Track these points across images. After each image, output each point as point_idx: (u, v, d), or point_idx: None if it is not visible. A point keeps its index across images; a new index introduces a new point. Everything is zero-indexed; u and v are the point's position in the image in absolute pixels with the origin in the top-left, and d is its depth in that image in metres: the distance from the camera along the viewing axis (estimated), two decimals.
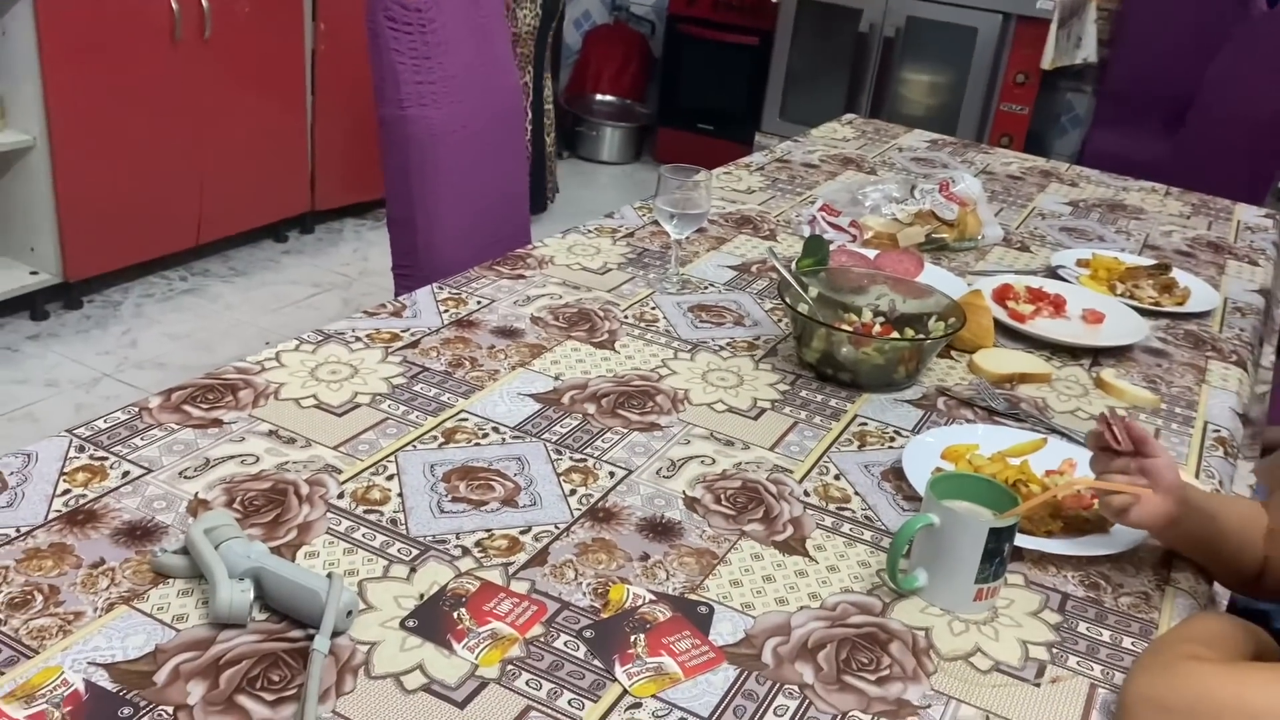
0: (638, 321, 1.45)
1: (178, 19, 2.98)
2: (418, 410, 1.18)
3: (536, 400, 1.22)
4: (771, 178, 2.15)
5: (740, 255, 1.73)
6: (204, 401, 1.14)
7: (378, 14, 1.52)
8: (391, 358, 1.29)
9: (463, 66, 1.67)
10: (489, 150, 1.79)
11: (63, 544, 0.91)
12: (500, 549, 0.96)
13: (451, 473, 1.07)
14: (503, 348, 1.34)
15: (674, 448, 1.16)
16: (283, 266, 3.53)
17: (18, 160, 2.86)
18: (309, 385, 1.20)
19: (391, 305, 1.43)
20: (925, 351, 1.33)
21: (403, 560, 0.94)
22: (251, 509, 0.98)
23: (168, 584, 0.88)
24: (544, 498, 1.05)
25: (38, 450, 1.03)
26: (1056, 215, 2.12)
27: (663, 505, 1.05)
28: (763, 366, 1.36)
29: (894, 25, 4.12)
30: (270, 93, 3.37)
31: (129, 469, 1.02)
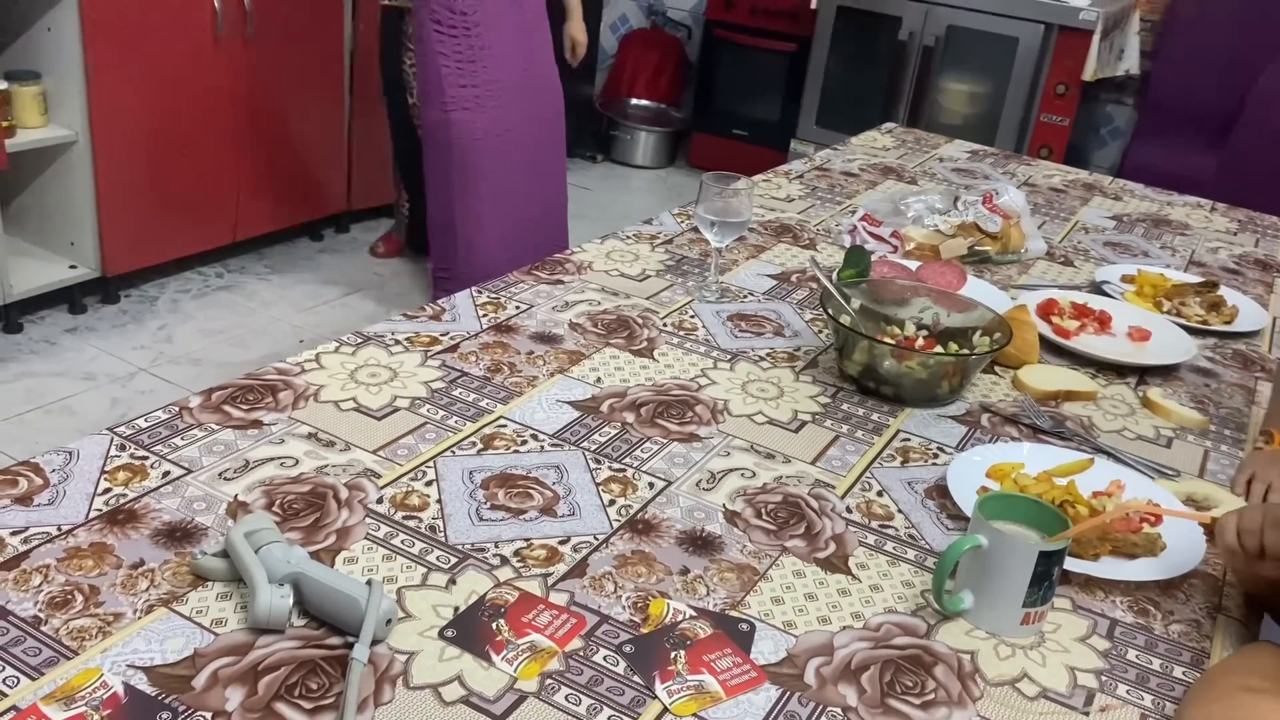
0: (677, 330, 1.44)
1: (220, 17, 3.00)
2: (457, 415, 1.17)
3: (575, 408, 1.21)
4: (811, 186, 2.14)
5: (780, 264, 1.71)
6: (244, 402, 1.14)
7: (424, 17, 1.51)
8: (430, 361, 1.28)
9: (506, 71, 1.67)
10: (529, 154, 1.79)
11: (103, 544, 0.91)
12: (539, 559, 0.95)
13: (490, 480, 1.06)
14: (541, 354, 1.33)
15: (714, 459, 1.14)
16: (318, 265, 3.55)
17: (60, 155, 2.89)
18: (349, 388, 1.20)
19: (431, 309, 1.43)
20: (969, 367, 1.31)
21: (442, 568, 0.93)
22: (290, 512, 0.98)
23: (207, 587, 0.87)
24: (583, 508, 1.04)
25: (79, 448, 1.03)
26: (1100, 230, 2.08)
27: (703, 518, 1.04)
28: (803, 378, 1.34)
29: (934, 34, 4.09)
30: (309, 92, 3.39)
31: (169, 469, 1.02)
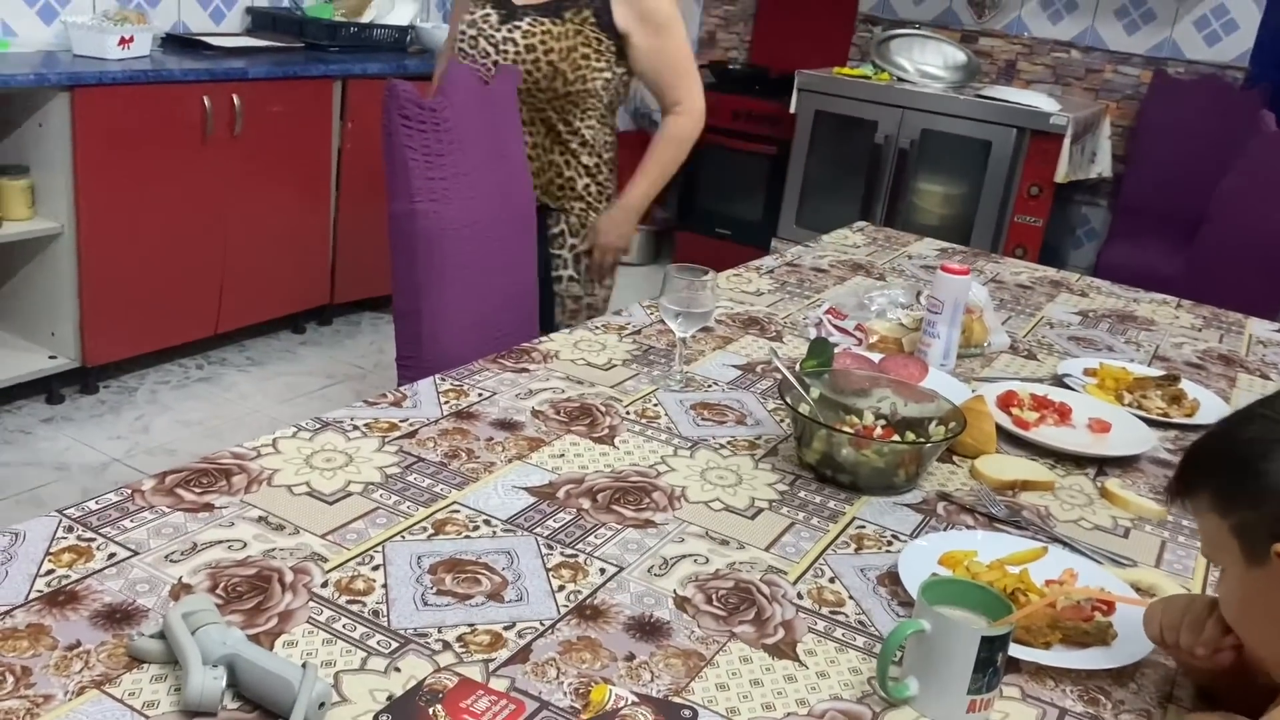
0: (639, 418, 1.45)
1: (209, 116, 3.08)
2: (410, 501, 1.17)
3: (531, 494, 1.22)
4: (781, 281, 2.17)
5: (746, 355, 1.73)
6: (197, 485, 1.14)
7: (393, 112, 1.56)
8: (388, 447, 1.29)
9: (475, 164, 1.71)
10: (498, 246, 1.82)
11: (40, 624, 0.90)
12: (482, 644, 0.95)
13: (439, 565, 1.06)
14: (501, 440, 1.34)
15: (668, 545, 1.14)
16: (299, 357, 3.56)
17: (45, 247, 2.93)
18: (303, 472, 1.20)
19: (392, 395, 1.44)
20: (925, 455, 1.32)
21: (382, 653, 0.92)
22: (234, 595, 0.97)
23: (142, 669, 0.86)
24: (531, 593, 1.03)
25: (26, 529, 1.03)
26: (1065, 325, 2.12)
27: (652, 604, 1.04)
28: (762, 466, 1.35)
29: (909, 137, 4.20)
30: (296, 188, 3.45)
31: (115, 550, 1.01)
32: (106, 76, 2.83)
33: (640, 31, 2.06)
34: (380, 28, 3.77)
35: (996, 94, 4.12)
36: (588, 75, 2.08)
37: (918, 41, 4.45)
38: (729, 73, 4.88)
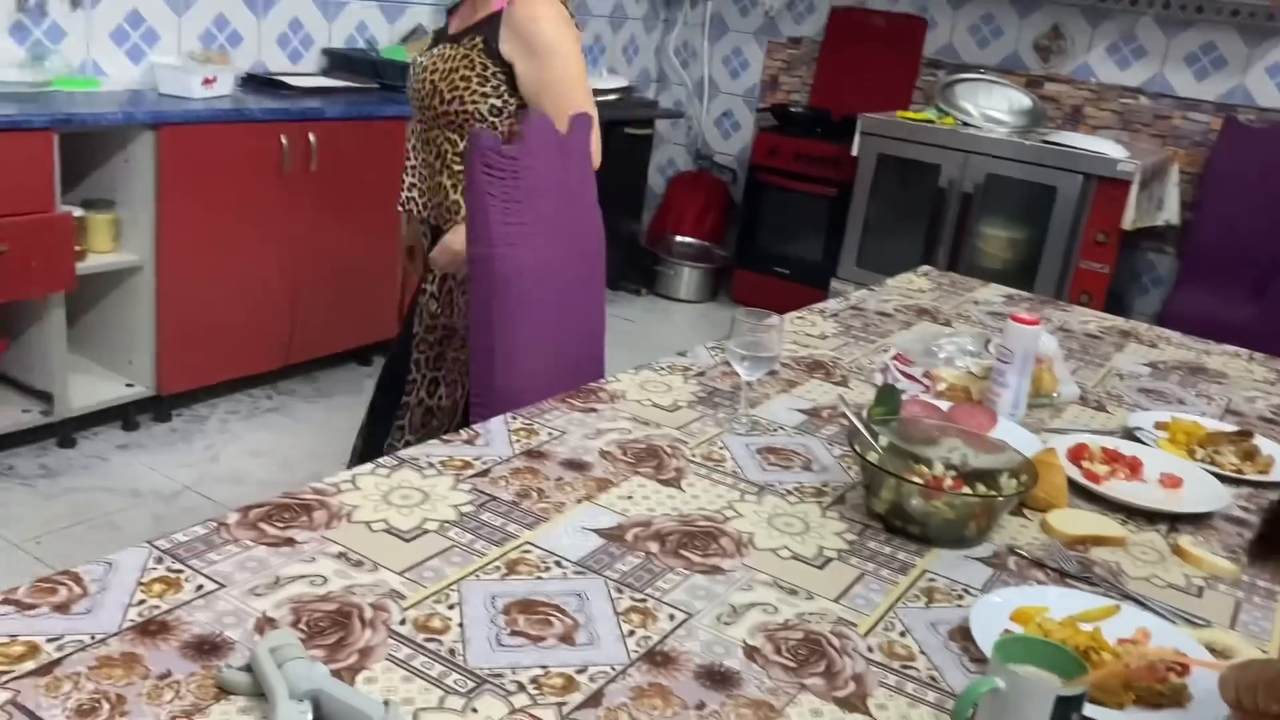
0: (705, 460, 1.46)
1: (286, 153, 3.17)
2: (483, 539, 1.19)
3: (600, 535, 1.23)
4: (845, 325, 2.18)
5: (811, 399, 1.74)
6: (279, 520, 1.18)
7: (476, 160, 1.60)
8: (462, 485, 1.31)
9: (549, 210, 1.75)
10: (569, 288, 1.86)
11: (133, 654, 0.93)
12: (555, 687, 0.96)
13: (512, 605, 1.08)
14: (570, 480, 1.36)
15: (736, 593, 1.15)
16: (366, 390, 3.62)
17: (126, 280, 3.03)
18: (381, 509, 1.23)
19: (465, 433, 1.46)
20: (997, 508, 1.32)
21: (459, 692, 0.94)
22: (316, 630, 1.00)
23: (230, 700, 0.89)
24: (602, 637, 1.04)
25: (119, 560, 1.06)
26: (1135, 376, 2.09)
27: (722, 653, 1.04)
28: (830, 514, 1.35)
29: (973, 181, 4.19)
30: (367, 224, 3.53)
31: (203, 583, 1.04)
32: (190, 115, 2.93)
33: (523, 60, 2.01)
34: None
35: (1063, 139, 4.10)
36: (465, 97, 2.06)
37: (983, 86, 4.45)
38: (790, 115, 4.91)
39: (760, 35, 5.28)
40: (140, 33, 3.31)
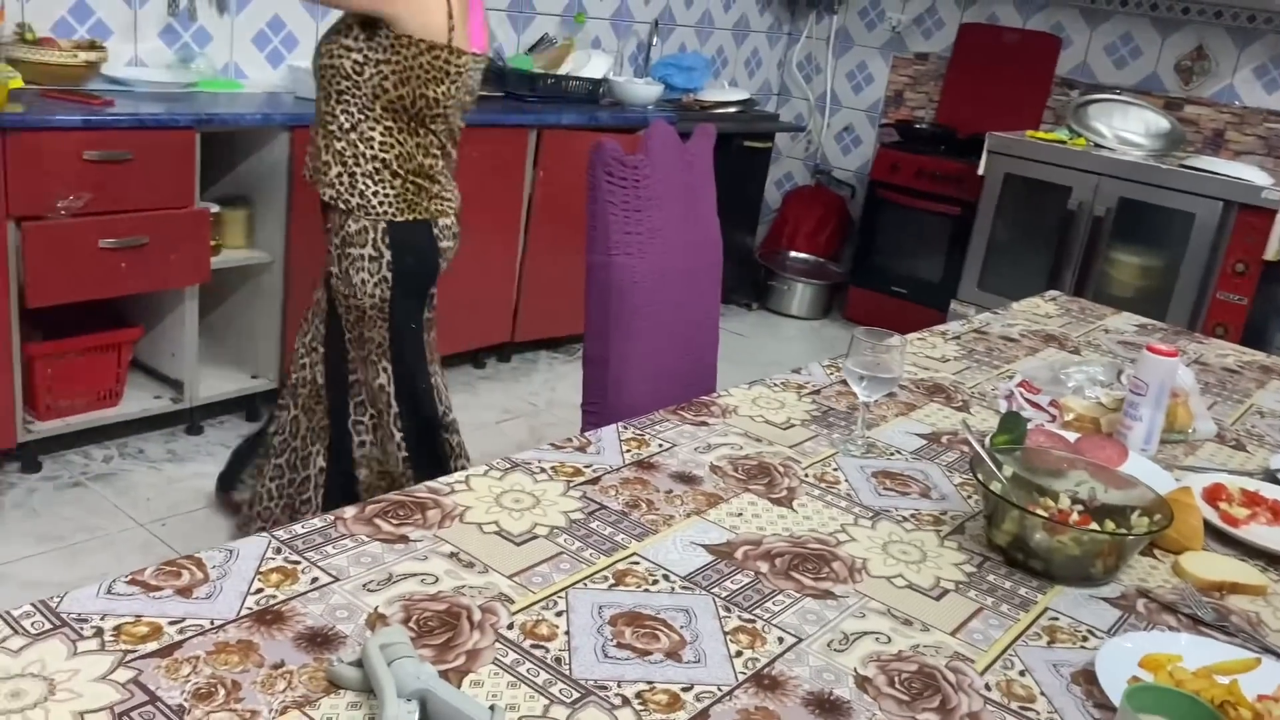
0: (818, 481, 1.43)
1: None
2: (592, 548, 1.19)
3: (709, 551, 1.21)
4: (968, 348, 2.11)
5: (931, 424, 1.69)
6: (395, 517, 1.19)
7: (598, 168, 1.61)
8: (572, 492, 1.31)
9: (669, 220, 1.74)
10: (685, 299, 1.85)
11: (250, 641, 0.95)
12: (660, 704, 0.95)
13: (619, 616, 1.07)
14: (680, 493, 1.34)
15: (848, 620, 1.12)
16: (478, 391, 3.69)
17: (257, 275, 3.14)
18: (493, 511, 1.24)
19: (577, 440, 1.46)
20: (1127, 547, 1.25)
21: (563, 701, 0.93)
22: (425, 629, 1.00)
23: (339, 694, 0.90)
24: (709, 655, 1.02)
25: (240, 548, 1.09)
26: (1277, 415, 1.97)
27: (832, 680, 1.01)
28: (948, 544, 1.31)
29: (1105, 205, 4.04)
30: (488, 229, 3.59)
31: (318, 575, 1.06)
32: None
33: None
34: (575, 80, 3.90)
35: (1202, 164, 3.92)
36: (335, 50, 2.09)
37: (1118, 107, 4.29)
38: (915, 131, 4.82)
39: (886, 50, 5.20)
40: (280, 37, 3.43)
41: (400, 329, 2.24)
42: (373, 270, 2.16)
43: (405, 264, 2.18)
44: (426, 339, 2.33)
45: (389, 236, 2.14)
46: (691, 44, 4.93)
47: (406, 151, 2.14)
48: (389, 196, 2.14)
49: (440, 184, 2.22)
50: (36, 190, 2.47)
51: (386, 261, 2.16)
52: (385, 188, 2.13)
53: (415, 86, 2.08)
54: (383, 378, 2.26)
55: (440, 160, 2.21)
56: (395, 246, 2.15)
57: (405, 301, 2.21)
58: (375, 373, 2.26)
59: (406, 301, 2.22)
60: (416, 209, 2.17)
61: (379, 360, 2.24)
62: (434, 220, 2.22)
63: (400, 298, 2.20)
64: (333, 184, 2.16)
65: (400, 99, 2.08)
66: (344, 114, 2.12)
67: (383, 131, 2.12)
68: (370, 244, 2.15)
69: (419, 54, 2.06)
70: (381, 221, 2.14)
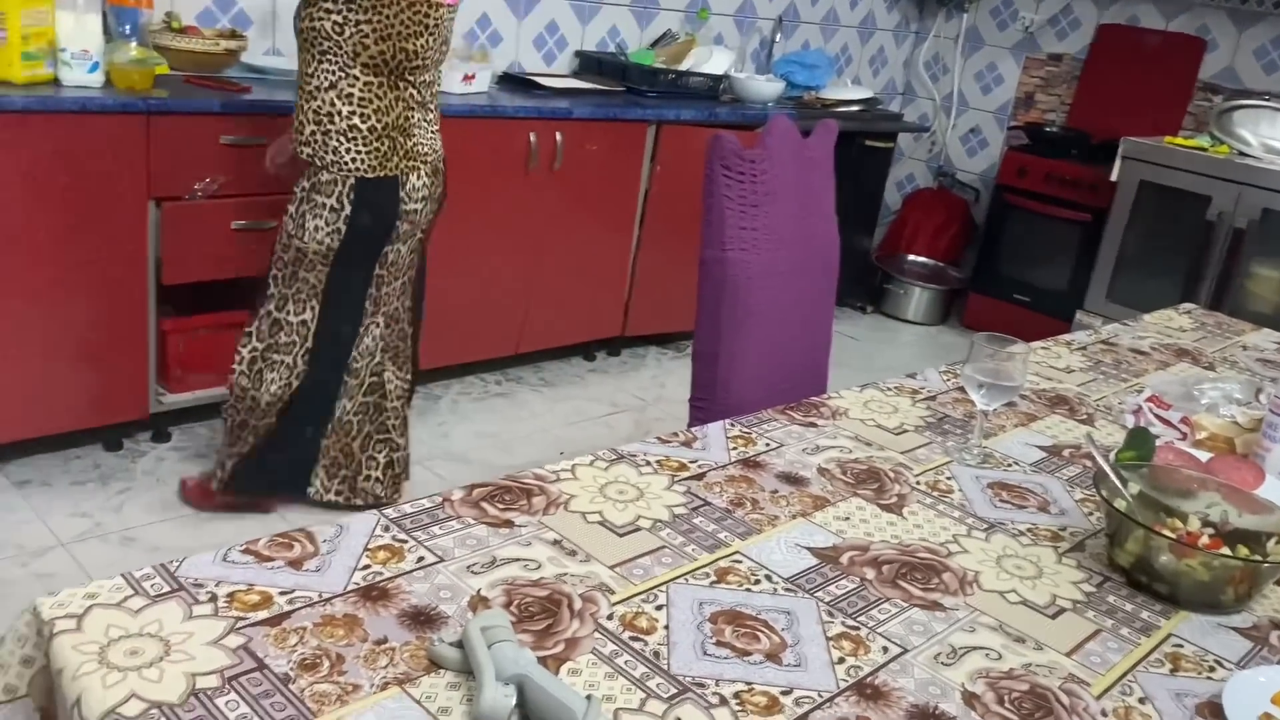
0: (930, 490, 1.39)
1: (534, 151, 3.28)
2: (695, 544, 1.17)
3: (814, 555, 1.19)
4: (1094, 359, 2.03)
5: (1052, 436, 1.62)
6: (501, 502, 1.20)
7: (715, 162, 1.59)
8: (676, 486, 1.30)
9: (785, 217, 1.71)
10: (799, 298, 1.81)
11: (355, 616, 0.97)
12: (758, 705, 0.93)
13: (719, 614, 1.05)
14: (786, 494, 1.32)
15: (957, 633, 1.08)
16: (587, 383, 3.71)
17: None
18: (597, 501, 1.23)
19: (683, 435, 1.45)
20: (1261, 575, 1.18)
21: (660, 696, 0.92)
22: (526, 614, 1.01)
23: (439, 673, 0.91)
24: (810, 660, 1.00)
25: (350, 524, 1.11)
26: None
27: (938, 694, 0.98)
28: (1067, 561, 1.25)
29: (1247, 217, 3.83)
30: (603, 223, 3.61)
31: (424, 555, 1.08)
32: (450, 109, 3.08)
33: None
34: (696, 76, 3.89)
35: None
36: (315, 13, 2.14)
37: (1265, 114, 4.06)
38: (1045, 135, 4.66)
39: (1018, 50, 5.04)
40: None
41: (339, 279, 2.35)
42: (329, 220, 2.27)
43: (361, 220, 2.28)
44: (372, 294, 2.42)
45: (354, 193, 2.25)
46: (815, 41, 4.87)
47: (384, 106, 2.22)
48: (361, 154, 2.23)
49: (415, 138, 2.29)
50: (176, 172, 2.58)
51: (345, 215, 2.26)
52: (358, 145, 2.22)
53: (396, 41, 2.17)
54: (307, 314, 2.37)
55: (417, 113, 2.28)
56: (357, 203, 2.26)
57: (350, 255, 2.32)
58: (300, 309, 2.36)
59: (351, 255, 2.32)
60: (387, 166, 2.26)
61: (307, 301, 2.35)
62: (403, 178, 2.30)
63: (346, 250, 2.31)
64: (308, 142, 2.26)
65: (381, 54, 2.17)
66: (324, 73, 2.20)
67: (362, 88, 2.19)
68: (335, 196, 2.25)
69: (400, 10, 2.15)
70: (351, 178, 2.24)
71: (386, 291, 2.44)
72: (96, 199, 2.49)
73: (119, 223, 2.54)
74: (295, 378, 2.42)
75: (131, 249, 2.59)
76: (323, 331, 2.38)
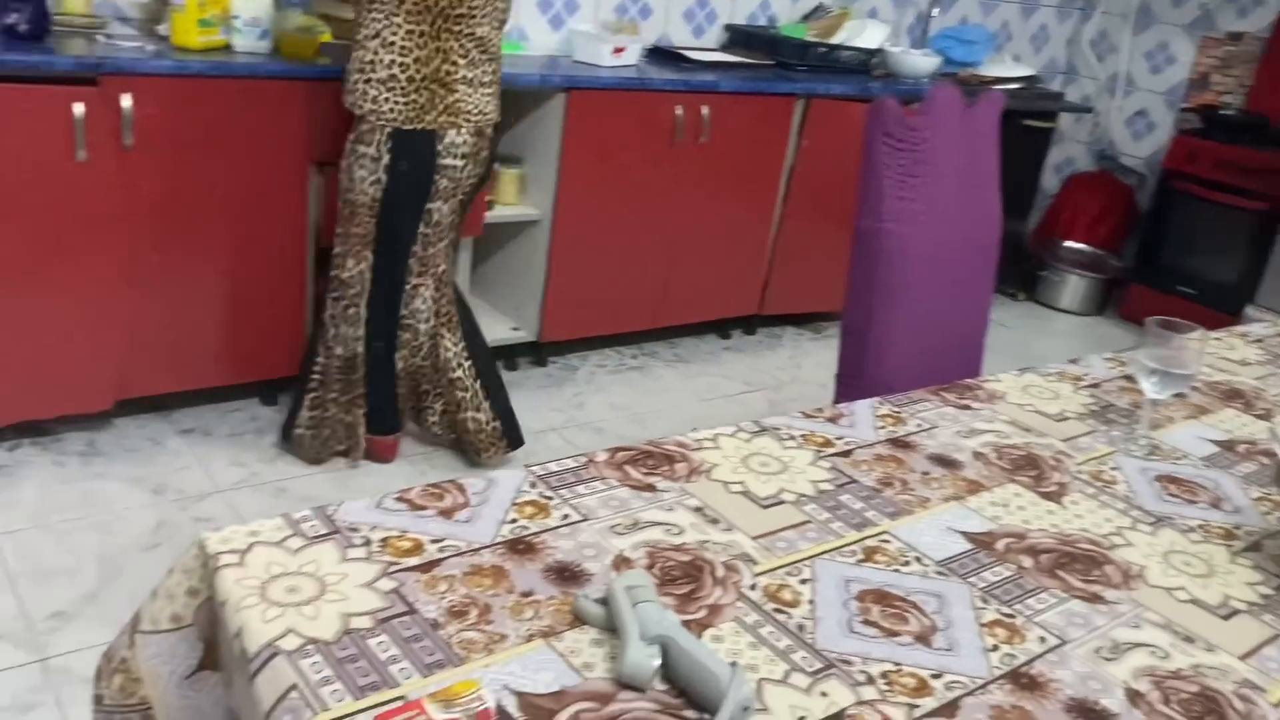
0: (1093, 479, 1.32)
1: (679, 125, 3.26)
2: (841, 521, 1.14)
3: (968, 539, 1.14)
4: (1273, 353, 1.89)
5: (1226, 431, 1.52)
6: (643, 466, 1.19)
7: (876, 129, 1.54)
8: (821, 462, 1.27)
9: (946, 190, 1.65)
10: (956, 276, 1.75)
11: (501, 568, 0.97)
12: (907, 687, 0.90)
13: (866, 593, 1.02)
14: (938, 476, 1.27)
15: (1119, 628, 1.02)
16: (721, 361, 3.69)
17: (524, 231, 3.26)
18: (739, 471, 1.22)
19: (829, 411, 1.42)
20: None
21: (805, 670, 0.90)
22: (669, 578, 1.00)
23: (583, 629, 0.91)
24: (961, 645, 0.96)
25: (499, 477, 1.12)
26: None
27: (1098, 690, 0.93)
28: (1241, 561, 1.17)
29: None
30: (745, 199, 3.57)
31: (569, 513, 1.08)
32: (598, 81, 3.09)
33: None
34: (848, 50, 3.80)
35: None
36: None
37: None
38: (1219, 118, 4.38)
39: (1193, 29, 4.74)
40: (563, 2, 3.54)
41: (387, 230, 2.40)
42: (371, 170, 2.33)
43: (399, 169, 2.32)
44: (417, 252, 2.47)
45: (391, 141, 2.30)
46: (974, 16, 4.69)
47: (424, 56, 2.24)
48: (399, 104, 2.27)
49: (457, 94, 2.30)
50: (337, 138, 2.66)
51: (384, 164, 2.32)
52: (395, 95, 2.26)
53: None
54: (363, 265, 2.45)
55: (463, 69, 2.28)
56: (395, 152, 2.31)
57: (393, 205, 2.37)
58: (357, 261, 2.45)
59: (397, 205, 2.37)
60: (424, 119, 2.29)
61: (362, 250, 2.43)
62: (440, 133, 2.32)
63: (389, 200, 2.36)
64: (351, 91, 2.33)
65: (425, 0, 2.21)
66: (371, 21, 2.24)
67: (404, 35, 2.22)
68: (374, 145, 2.31)
69: None
70: (389, 127, 2.29)
71: (432, 252, 2.51)
72: (261, 162, 2.59)
73: (281, 186, 2.64)
74: (362, 326, 2.52)
75: (292, 211, 2.68)
76: (377, 281, 2.48)
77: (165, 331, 2.64)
